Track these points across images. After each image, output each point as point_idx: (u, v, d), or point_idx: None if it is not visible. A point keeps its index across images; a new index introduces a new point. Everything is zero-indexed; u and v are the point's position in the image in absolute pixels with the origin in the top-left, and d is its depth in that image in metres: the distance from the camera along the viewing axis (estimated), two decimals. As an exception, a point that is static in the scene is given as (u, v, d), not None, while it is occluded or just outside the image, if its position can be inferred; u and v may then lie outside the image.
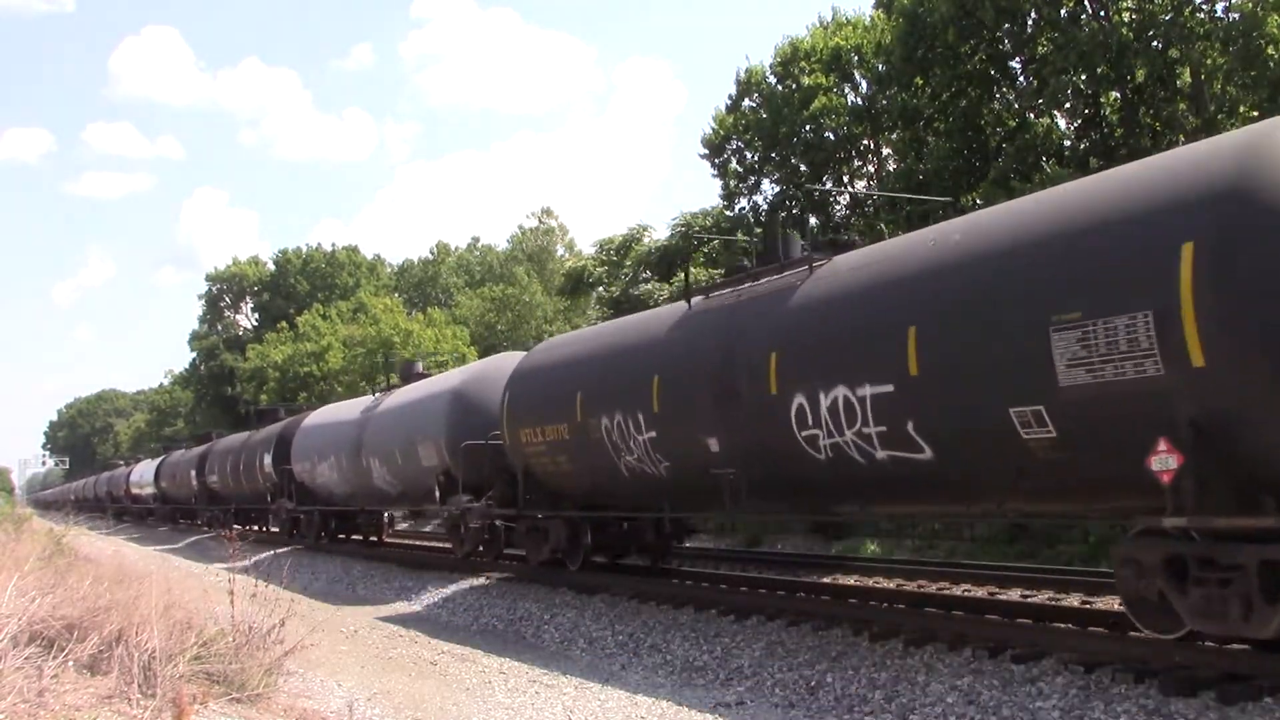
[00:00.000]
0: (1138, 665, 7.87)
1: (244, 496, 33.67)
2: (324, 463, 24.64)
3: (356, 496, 23.81)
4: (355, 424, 23.10)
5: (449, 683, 10.73)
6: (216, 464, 37.34)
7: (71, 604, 8.63)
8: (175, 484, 44.30)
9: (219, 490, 37.15)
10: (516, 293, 54.39)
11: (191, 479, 40.48)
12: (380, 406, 22.42)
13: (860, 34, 29.86)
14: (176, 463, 44.87)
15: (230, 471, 35.02)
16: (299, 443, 26.89)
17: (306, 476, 26.12)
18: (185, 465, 42.19)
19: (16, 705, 5.85)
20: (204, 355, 76.98)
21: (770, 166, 30.50)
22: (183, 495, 42.95)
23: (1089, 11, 22.70)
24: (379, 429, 21.66)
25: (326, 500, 25.78)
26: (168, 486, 45.89)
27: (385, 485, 21.45)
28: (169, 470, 45.88)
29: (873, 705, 8.66)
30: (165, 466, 46.89)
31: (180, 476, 42.87)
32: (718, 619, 11.92)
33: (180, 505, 44.45)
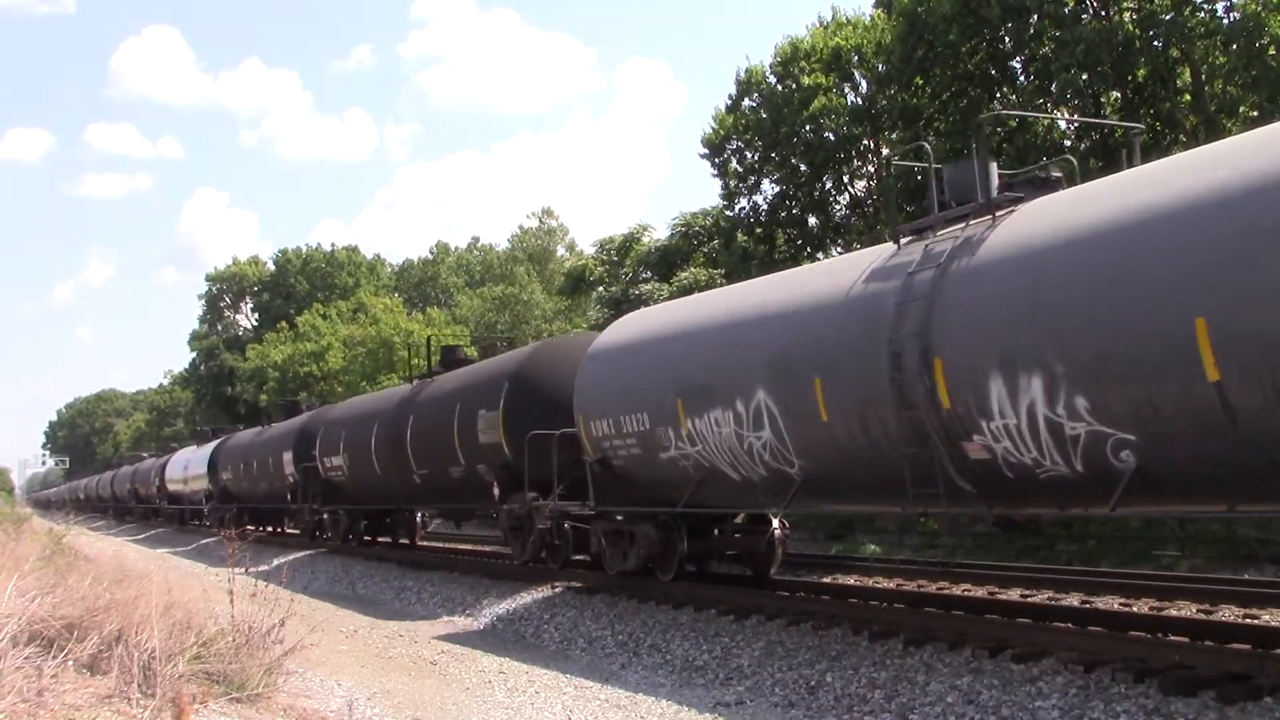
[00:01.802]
0: (1138, 665, 7.87)
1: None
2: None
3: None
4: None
5: (449, 683, 10.72)
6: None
7: (71, 604, 8.63)
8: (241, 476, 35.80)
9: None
10: (516, 292, 54.41)
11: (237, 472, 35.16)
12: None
13: (860, 34, 29.84)
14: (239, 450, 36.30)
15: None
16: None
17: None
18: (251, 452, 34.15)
19: (16, 705, 5.85)
20: (204, 355, 77.02)
21: (770, 166, 30.47)
22: (243, 490, 34.92)
23: (1090, 11, 22.69)
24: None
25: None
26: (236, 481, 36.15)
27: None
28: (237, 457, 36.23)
29: (873, 705, 8.66)
30: (225, 452, 37.71)
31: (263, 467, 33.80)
32: (718, 619, 11.91)
33: (246, 503, 34.65)
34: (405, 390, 21.86)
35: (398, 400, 21.58)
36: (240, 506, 34.21)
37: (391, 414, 21.17)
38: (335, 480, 24.28)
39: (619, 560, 14.09)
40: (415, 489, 20.38)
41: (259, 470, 31.05)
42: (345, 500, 24.48)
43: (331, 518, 25.61)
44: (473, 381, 18.21)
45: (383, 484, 21.81)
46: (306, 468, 25.67)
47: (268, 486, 30.44)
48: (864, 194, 30.67)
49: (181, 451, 48.52)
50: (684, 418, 11.66)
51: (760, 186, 31.37)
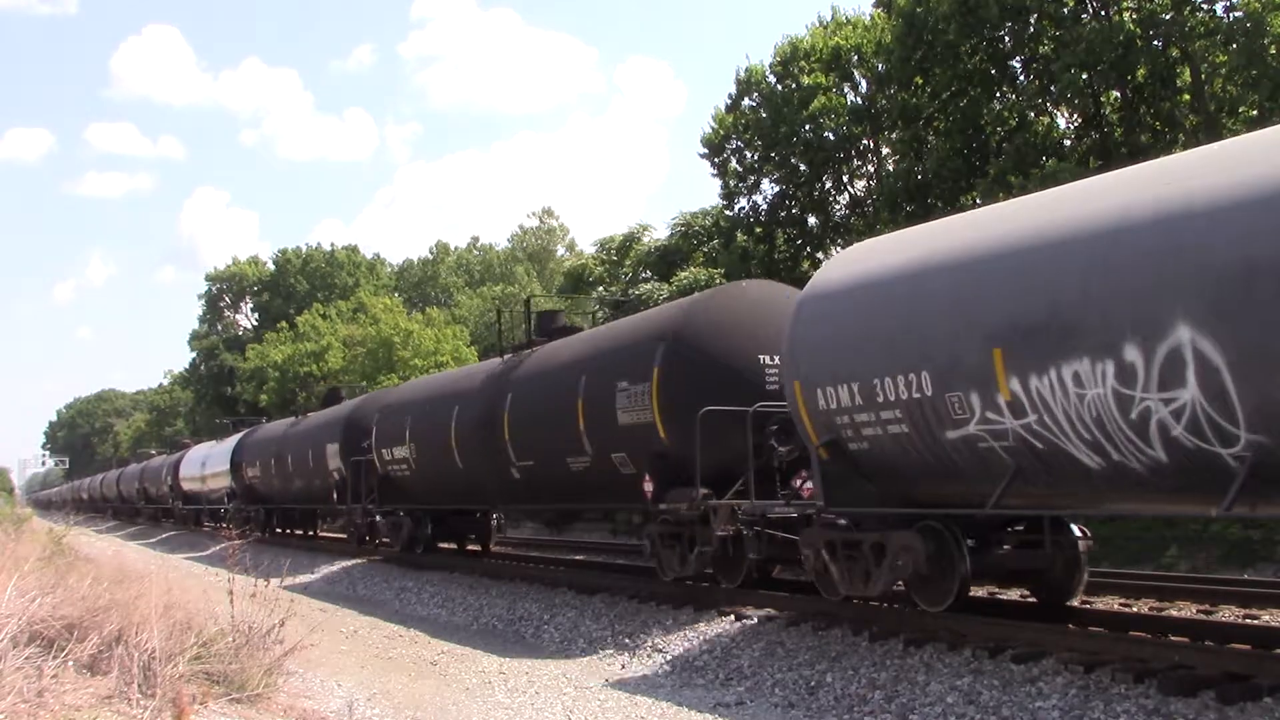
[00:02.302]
0: (1138, 665, 7.88)
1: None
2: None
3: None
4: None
5: (449, 683, 10.72)
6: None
7: (71, 604, 8.63)
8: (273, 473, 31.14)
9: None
10: (516, 292, 54.43)
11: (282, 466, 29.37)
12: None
13: (860, 34, 29.86)
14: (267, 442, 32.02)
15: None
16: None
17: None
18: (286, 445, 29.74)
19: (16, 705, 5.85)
20: (204, 355, 77.01)
21: (770, 166, 30.49)
22: (273, 489, 30.84)
23: (1090, 11, 22.70)
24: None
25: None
26: (265, 479, 31.34)
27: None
28: (267, 450, 31.16)
29: (873, 705, 8.66)
30: (250, 447, 33.58)
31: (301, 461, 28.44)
32: (718, 618, 11.90)
33: (278, 503, 31.33)
34: (495, 365, 18.03)
35: (486, 377, 17.75)
36: (269, 507, 31.33)
37: (478, 394, 17.33)
38: (397, 476, 20.66)
39: (858, 582, 10.24)
40: (513, 485, 16.48)
41: (294, 466, 27.43)
42: (409, 499, 20.75)
43: (389, 521, 21.71)
44: (607, 347, 14.32)
45: (464, 480, 17.99)
46: (358, 462, 22.11)
47: (304, 484, 27.00)
48: (864, 194, 30.68)
49: (198, 447, 44.33)
50: (1003, 376, 8.16)
51: (760, 186, 31.40)
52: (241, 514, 33.28)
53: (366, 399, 25.49)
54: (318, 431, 26.14)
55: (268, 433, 32.64)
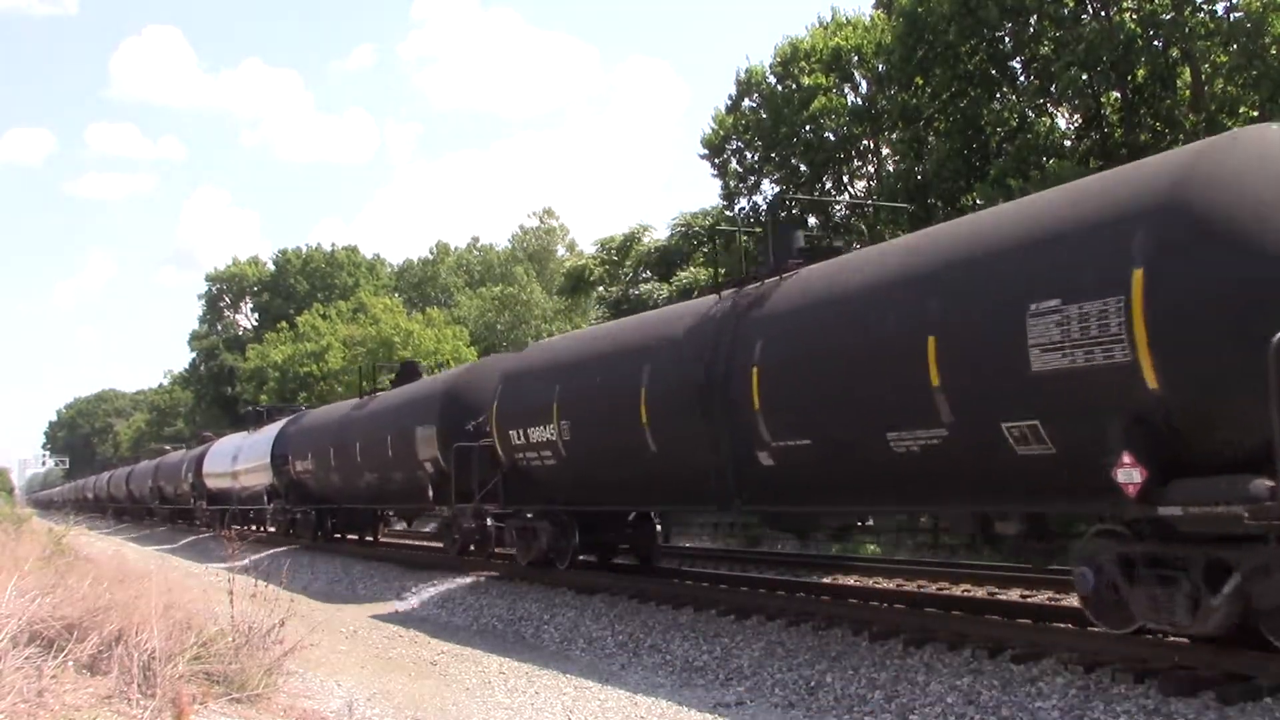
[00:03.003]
0: (1138, 665, 7.87)
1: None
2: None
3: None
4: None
5: (449, 683, 10.72)
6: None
7: (71, 604, 8.63)
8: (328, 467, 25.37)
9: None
10: (515, 292, 54.44)
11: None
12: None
13: (860, 34, 29.87)
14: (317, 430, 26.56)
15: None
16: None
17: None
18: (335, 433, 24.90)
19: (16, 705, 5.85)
20: (204, 355, 77.07)
21: (770, 166, 30.50)
22: (330, 485, 25.30)
23: (1090, 11, 22.71)
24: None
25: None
26: (320, 473, 25.62)
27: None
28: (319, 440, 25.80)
29: (873, 705, 8.66)
30: (298, 436, 27.91)
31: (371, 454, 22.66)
32: (718, 619, 11.91)
33: (339, 502, 25.58)
34: (707, 305, 12.47)
35: (698, 321, 12.30)
36: (324, 508, 26.19)
37: (687, 345, 12.13)
38: (533, 467, 15.28)
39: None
40: (760, 477, 11.21)
41: (365, 457, 22.32)
42: (552, 497, 15.54)
43: (517, 526, 16.51)
44: (1004, 244, 8.54)
45: (657, 470, 12.79)
46: (465, 449, 17.36)
47: (378, 479, 22.12)
48: (864, 194, 30.68)
49: (225, 440, 38.78)
50: None
51: (760, 186, 31.41)
52: (285, 516, 28.53)
53: (472, 367, 20.59)
54: (400, 413, 20.90)
55: (322, 418, 26.95)
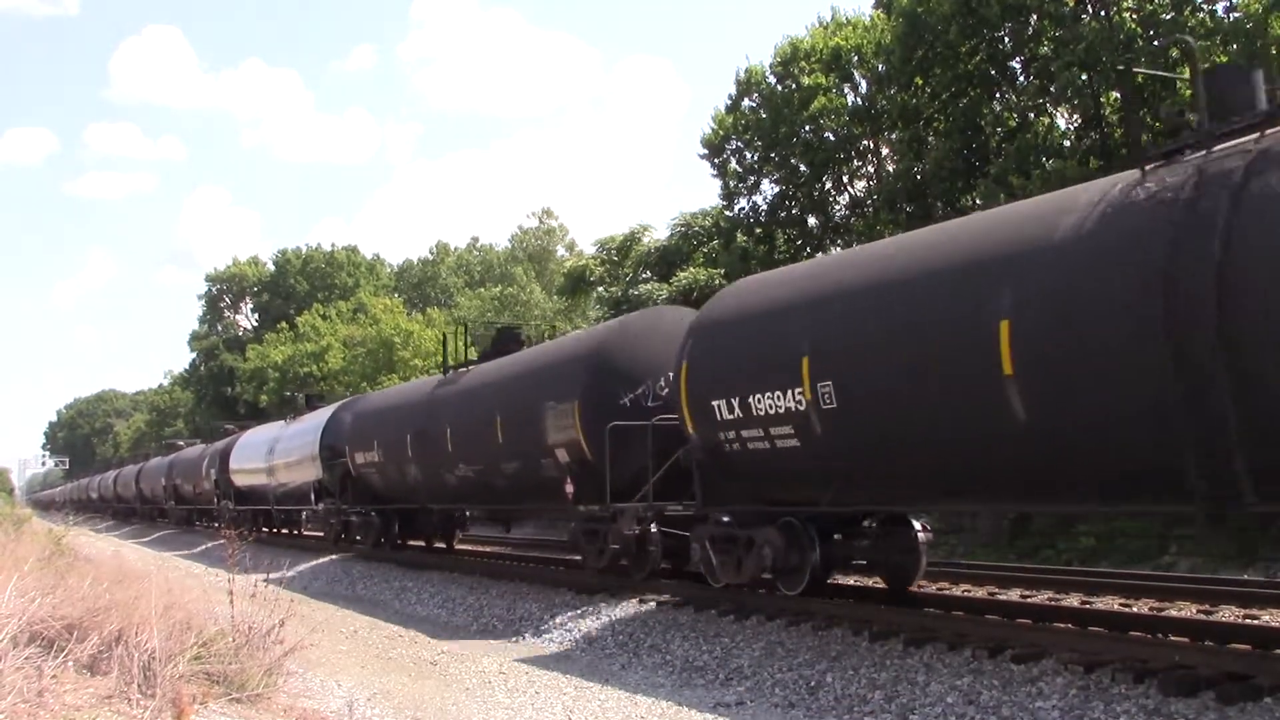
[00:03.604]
0: (1138, 665, 7.87)
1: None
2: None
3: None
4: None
5: (449, 683, 10.72)
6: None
7: (71, 604, 8.63)
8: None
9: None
10: (515, 292, 54.46)
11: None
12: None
13: (860, 34, 29.86)
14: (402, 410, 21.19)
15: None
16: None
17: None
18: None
19: (16, 705, 5.84)
20: (204, 355, 77.08)
21: (770, 166, 30.48)
22: (408, 481, 20.41)
23: (1090, 11, 22.71)
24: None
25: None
26: (391, 466, 21.02)
27: None
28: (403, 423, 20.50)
29: (873, 705, 8.66)
30: (359, 422, 23.17)
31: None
32: (718, 619, 11.91)
33: (420, 502, 20.77)
34: (1099, 194, 8.27)
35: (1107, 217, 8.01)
36: (395, 508, 21.67)
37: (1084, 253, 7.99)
38: (751, 452, 11.09)
39: None
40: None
41: (460, 445, 17.67)
42: (779, 494, 11.50)
43: (722, 536, 12.17)
44: None
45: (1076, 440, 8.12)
46: (625, 430, 13.26)
47: (479, 472, 17.30)
48: (864, 194, 30.67)
49: (257, 431, 34.48)
50: None
51: (760, 186, 31.39)
52: (339, 518, 23.87)
53: (627, 323, 15.17)
54: (517, 387, 16.16)
55: (393, 400, 22.59)
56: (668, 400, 13.44)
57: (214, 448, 38.15)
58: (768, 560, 11.55)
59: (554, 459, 14.94)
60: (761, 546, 11.59)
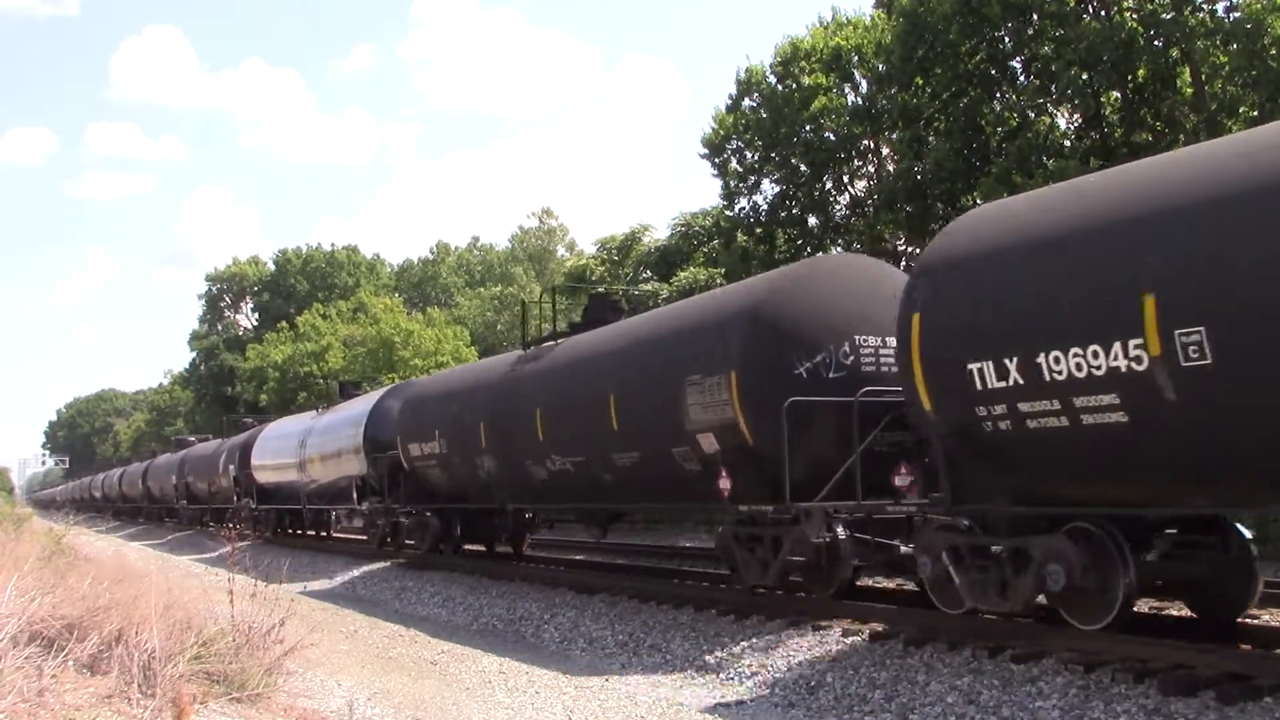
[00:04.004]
0: (1138, 665, 7.87)
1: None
2: None
3: None
4: None
5: (449, 683, 10.72)
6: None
7: (71, 604, 8.63)
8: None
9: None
10: (515, 292, 54.48)
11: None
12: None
13: (860, 34, 29.89)
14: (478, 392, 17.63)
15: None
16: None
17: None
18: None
19: (16, 705, 5.84)
20: (204, 355, 77.09)
21: (770, 166, 30.51)
22: (479, 477, 17.34)
23: (1090, 11, 22.72)
24: None
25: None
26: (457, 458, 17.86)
27: None
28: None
29: (873, 705, 8.66)
30: (412, 410, 19.97)
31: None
32: (718, 619, 11.91)
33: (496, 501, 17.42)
34: None
35: None
36: (457, 508, 18.97)
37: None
38: (1036, 436, 8.20)
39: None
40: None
41: (555, 432, 14.60)
42: (1089, 490, 8.46)
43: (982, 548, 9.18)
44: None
45: None
46: (808, 408, 10.71)
47: (581, 464, 14.25)
48: (864, 194, 30.69)
49: (283, 423, 31.84)
50: None
51: (760, 186, 31.42)
52: (387, 519, 21.10)
53: (793, 276, 12.07)
54: (638, 359, 13.25)
55: (458, 382, 19.05)
56: (852, 370, 11.19)
57: (232, 442, 35.57)
58: (1055, 581, 8.48)
59: (694, 447, 11.97)
60: (1044, 563, 8.52)
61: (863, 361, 11.34)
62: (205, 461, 38.27)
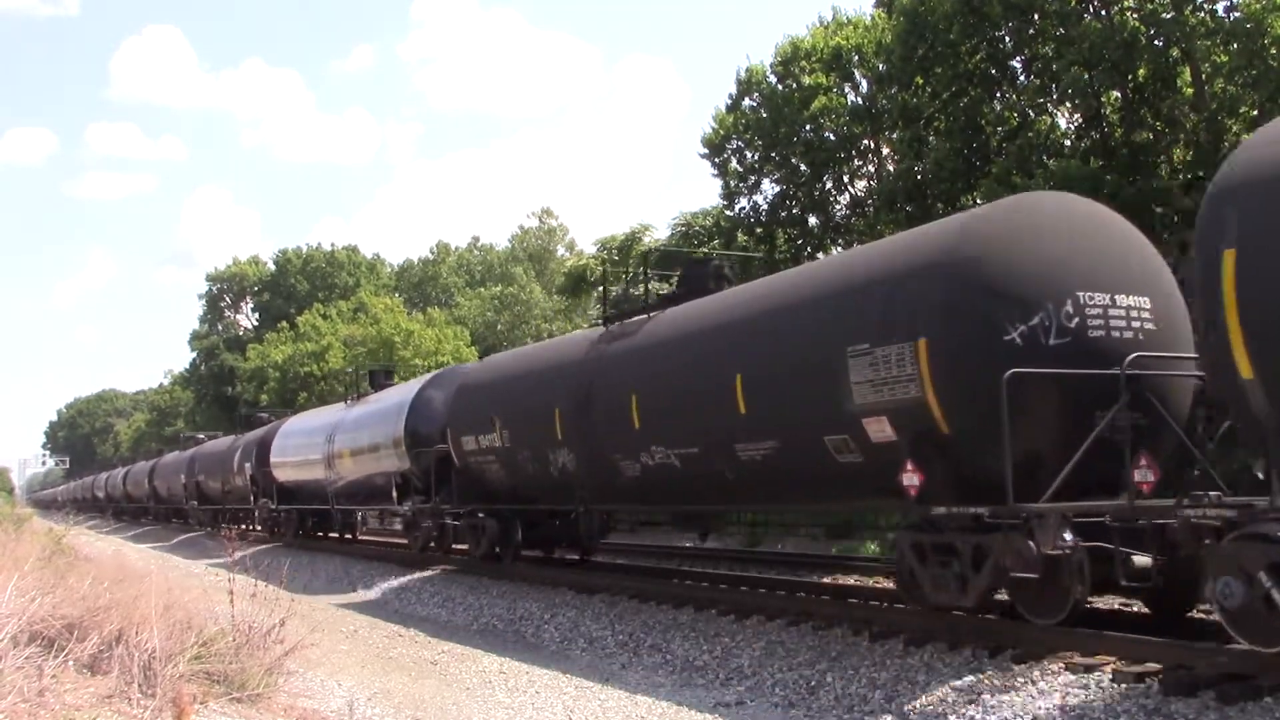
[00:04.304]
0: (1137, 665, 7.87)
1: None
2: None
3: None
4: None
5: (449, 683, 10.72)
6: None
7: (71, 604, 8.63)
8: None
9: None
10: (515, 292, 54.47)
11: None
12: None
13: (861, 34, 29.86)
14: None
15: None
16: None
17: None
18: None
19: (16, 705, 5.84)
20: (204, 355, 77.06)
21: (770, 166, 30.47)
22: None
23: (1091, 11, 22.70)
24: None
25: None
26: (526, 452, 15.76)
27: None
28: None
29: (873, 705, 8.66)
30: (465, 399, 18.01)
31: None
32: (718, 619, 11.91)
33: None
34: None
35: None
36: (518, 509, 16.90)
37: None
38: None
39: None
40: None
41: (656, 421, 12.63)
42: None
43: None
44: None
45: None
46: (1029, 382, 8.66)
47: (698, 454, 12.09)
48: (864, 194, 30.67)
49: (306, 417, 29.52)
50: None
51: (760, 186, 31.38)
52: (433, 521, 19.14)
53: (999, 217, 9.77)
54: (788, 324, 10.92)
55: (527, 363, 16.88)
56: (1077, 335, 8.94)
57: (248, 438, 33.18)
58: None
59: (857, 434, 9.84)
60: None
61: (1089, 324, 8.99)
62: (218, 459, 36.21)
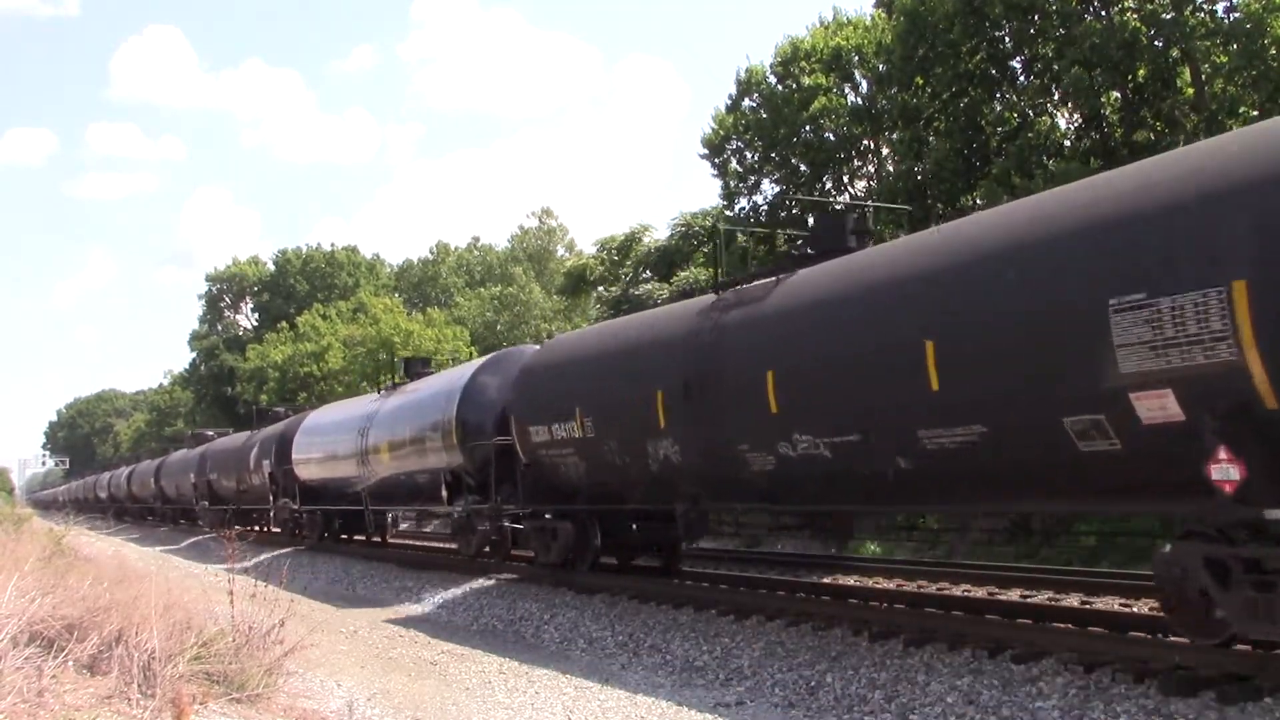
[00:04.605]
0: (1138, 665, 7.87)
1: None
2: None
3: None
4: None
5: (449, 683, 10.72)
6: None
7: (71, 604, 8.63)
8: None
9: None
10: (515, 292, 54.48)
11: None
12: None
13: (861, 34, 29.87)
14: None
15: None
16: None
17: None
18: None
19: (16, 705, 5.84)
20: (204, 355, 77.06)
21: (770, 166, 30.48)
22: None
23: (1091, 11, 22.71)
24: None
25: None
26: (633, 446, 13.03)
27: None
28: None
29: (873, 705, 8.66)
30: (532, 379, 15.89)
31: None
32: (718, 619, 11.91)
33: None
34: None
35: None
36: (601, 511, 14.97)
37: None
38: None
39: None
40: None
41: (800, 403, 10.40)
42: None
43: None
44: None
45: None
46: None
47: (858, 443, 9.83)
48: (864, 194, 30.67)
49: (328, 410, 27.96)
50: None
51: (760, 186, 31.40)
52: (491, 523, 17.09)
53: None
54: (997, 274, 8.47)
55: (619, 338, 14.42)
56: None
57: (266, 434, 30.67)
58: None
59: (1118, 412, 7.51)
60: None
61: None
62: (232, 456, 33.45)
